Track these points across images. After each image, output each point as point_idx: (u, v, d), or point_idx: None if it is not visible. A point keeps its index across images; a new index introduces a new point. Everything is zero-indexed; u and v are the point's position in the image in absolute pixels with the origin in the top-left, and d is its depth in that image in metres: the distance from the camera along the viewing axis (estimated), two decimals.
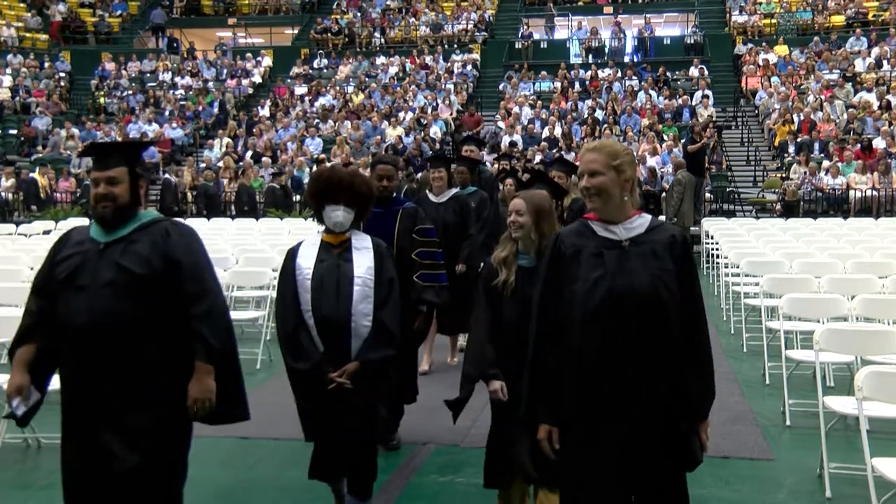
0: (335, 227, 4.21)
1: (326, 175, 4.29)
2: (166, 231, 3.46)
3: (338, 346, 4.07)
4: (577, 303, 3.01)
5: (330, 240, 4.22)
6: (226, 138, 22.87)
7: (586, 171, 3.14)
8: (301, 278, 4.12)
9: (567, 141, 20.98)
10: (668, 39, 27.95)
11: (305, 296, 4.09)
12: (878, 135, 19.76)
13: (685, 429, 3.04)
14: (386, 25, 28.85)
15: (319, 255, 4.16)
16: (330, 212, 4.18)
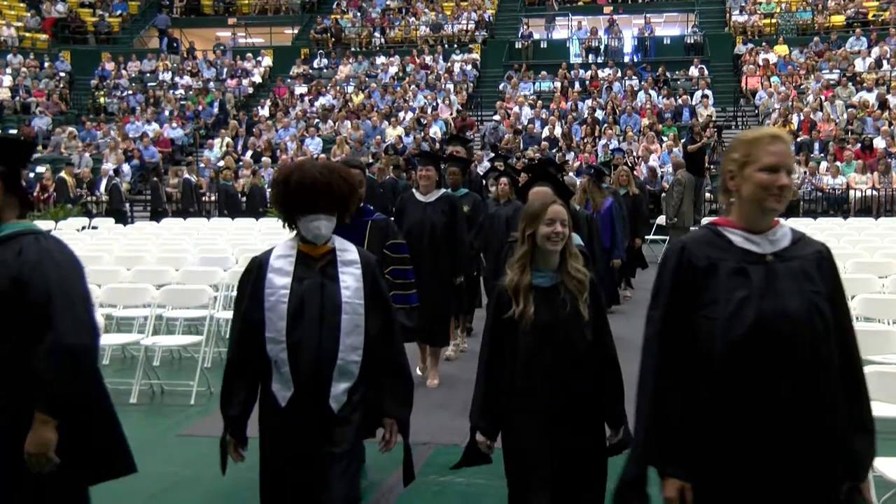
0: (316, 239, 3.37)
1: (296, 178, 3.32)
2: (21, 249, 2.89)
3: (313, 388, 3.22)
4: (717, 332, 2.44)
5: (309, 251, 3.35)
6: (226, 138, 22.87)
7: (783, 166, 2.51)
8: (274, 300, 3.24)
9: (567, 141, 20.97)
10: (668, 39, 27.93)
11: (279, 323, 3.21)
12: (878, 135, 19.75)
13: (847, 491, 2.54)
14: (386, 25, 28.85)
15: (298, 272, 3.29)
16: (308, 223, 3.32)
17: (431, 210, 7.10)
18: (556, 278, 3.38)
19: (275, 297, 3.26)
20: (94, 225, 16.11)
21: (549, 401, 3.31)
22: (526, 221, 3.42)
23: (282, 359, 3.22)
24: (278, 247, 3.41)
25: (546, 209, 3.39)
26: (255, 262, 3.37)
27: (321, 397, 3.23)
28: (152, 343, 7.31)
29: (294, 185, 3.32)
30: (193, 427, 6.34)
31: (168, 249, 11.00)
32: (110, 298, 7.90)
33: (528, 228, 3.40)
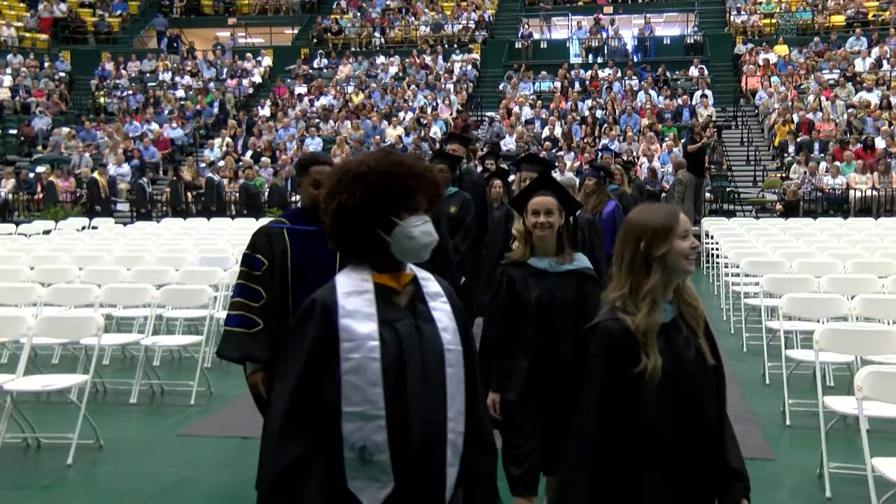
0: (420, 253, 2.34)
1: (397, 163, 2.31)
2: None
3: (424, 479, 2.23)
4: None
5: (389, 281, 2.33)
6: (226, 138, 22.87)
7: None
8: (360, 357, 2.19)
9: (567, 141, 20.97)
10: (668, 39, 27.93)
11: (371, 392, 2.17)
12: (878, 135, 19.75)
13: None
14: (386, 25, 28.85)
15: (382, 313, 2.26)
16: (411, 227, 2.30)
17: None
18: (674, 310, 2.55)
19: (360, 354, 2.19)
20: (94, 225, 16.12)
21: (680, 474, 2.47)
22: (651, 239, 2.48)
23: (377, 442, 2.17)
24: (340, 281, 2.31)
25: (677, 219, 2.53)
26: (317, 306, 2.25)
27: (434, 490, 2.24)
28: (152, 343, 7.31)
29: (400, 173, 2.28)
30: (193, 427, 6.34)
31: (168, 249, 11.00)
32: (110, 298, 7.89)
33: (656, 248, 2.47)
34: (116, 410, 6.82)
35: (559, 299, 3.78)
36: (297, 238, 3.99)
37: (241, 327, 3.98)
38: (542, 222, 3.75)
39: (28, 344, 6.03)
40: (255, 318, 3.95)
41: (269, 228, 4.10)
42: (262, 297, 3.97)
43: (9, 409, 5.63)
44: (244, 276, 4.04)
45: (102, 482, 5.31)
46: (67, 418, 5.79)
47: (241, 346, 3.99)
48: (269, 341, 3.89)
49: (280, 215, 4.30)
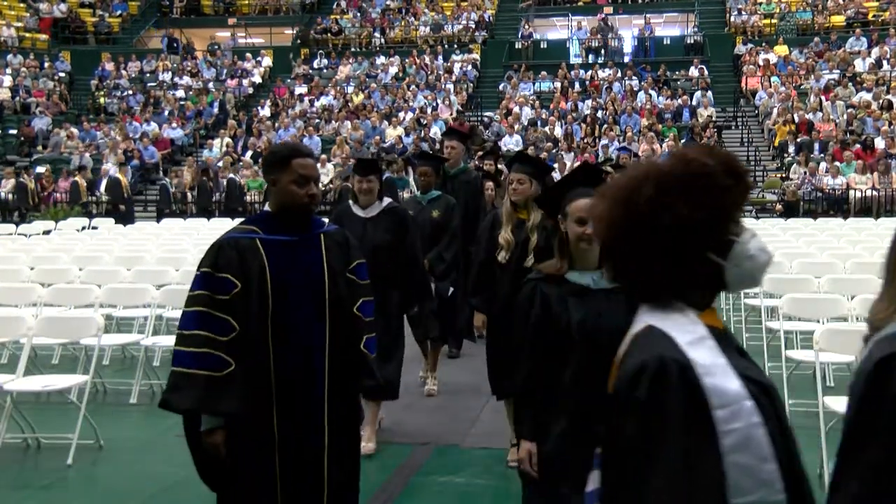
0: (758, 277, 1.80)
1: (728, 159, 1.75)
2: None
3: None
4: None
5: (717, 323, 1.79)
6: (226, 138, 22.88)
7: None
8: (744, 427, 1.62)
9: (567, 141, 20.98)
10: (668, 39, 27.94)
11: (766, 469, 1.62)
12: (878, 135, 19.76)
13: None
14: (386, 25, 28.86)
15: (735, 363, 1.70)
16: (749, 244, 1.74)
17: (372, 228, 5.65)
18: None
19: (741, 423, 1.62)
20: (94, 225, 16.12)
21: None
22: None
23: None
24: (667, 327, 1.70)
25: None
26: (671, 368, 1.62)
27: None
28: (152, 343, 7.30)
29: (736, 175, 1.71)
30: None
31: (168, 249, 10.99)
32: (110, 298, 7.89)
33: None
34: (116, 410, 6.82)
35: (608, 323, 2.91)
36: (275, 251, 3.22)
37: (207, 369, 3.07)
38: (591, 233, 2.90)
39: (28, 344, 6.02)
40: (224, 356, 3.08)
41: (236, 240, 3.22)
42: (232, 329, 3.11)
43: (9, 409, 5.63)
44: (203, 301, 3.14)
45: (102, 482, 5.31)
46: (67, 418, 5.79)
47: (204, 393, 3.05)
48: (243, 388, 3.09)
49: (244, 221, 3.44)
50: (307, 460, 3.19)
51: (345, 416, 3.31)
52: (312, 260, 3.28)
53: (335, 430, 3.24)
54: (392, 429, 5.98)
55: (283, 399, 3.16)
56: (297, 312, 3.18)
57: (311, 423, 3.19)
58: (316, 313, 3.23)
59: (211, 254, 3.27)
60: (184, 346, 3.14)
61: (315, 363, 3.21)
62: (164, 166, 22.49)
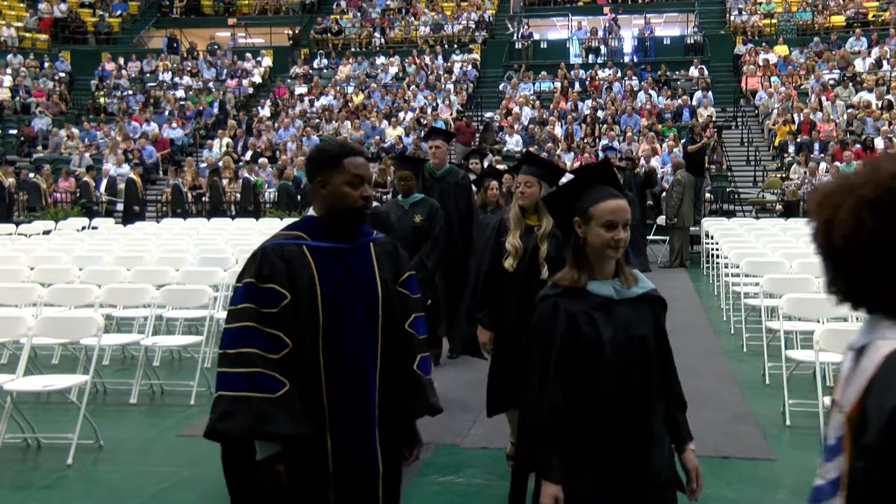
0: None
1: None
2: None
3: None
4: None
5: None
6: (226, 138, 22.88)
7: None
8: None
9: (568, 141, 20.98)
10: (668, 39, 27.95)
11: None
12: (878, 135, 19.76)
13: None
14: (386, 25, 28.86)
15: None
16: None
17: None
18: None
19: None
20: (94, 225, 16.12)
21: None
22: None
23: None
24: None
25: None
26: None
27: None
28: (152, 343, 7.30)
29: None
30: (193, 427, 6.33)
31: (168, 249, 10.99)
32: (110, 298, 7.89)
33: None
34: (116, 410, 6.82)
35: (638, 337, 2.74)
36: (324, 259, 2.91)
37: (260, 390, 2.74)
38: (621, 238, 2.72)
39: (28, 344, 6.02)
40: (277, 375, 2.75)
41: (281, 248, 2.89)
42: (283, 345, 2.80)
43: (9, 409, 5.63)
44: (250, 316, 2.79)
45: (102, 482, 5.30)
46: (67, 418, 5.79)
47: (259, 418, 2.72)
48: (299, 409, 2.77)
49: (289, 227, 3.07)
50: (361, 486, 2.94)
51: (395, 439, 3.05)
52: (363, 270, 2.97)
53: (386, 453, 2.99)
54: None
55: (336, 421, 2.87)
56: (349, 327, 2.90)
57: (363, 446, 2.92)
58: (368, 328, 2.92)
59: (254, 262, 2.88)
60: (230, 366, 2.80)
61: (368, 381, 2.91)
62: (164, 166, 22.49)
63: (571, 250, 2.81)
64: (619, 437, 2.68)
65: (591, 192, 2.79)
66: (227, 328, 2.85)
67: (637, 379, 2.70)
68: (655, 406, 2.76)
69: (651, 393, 2.75)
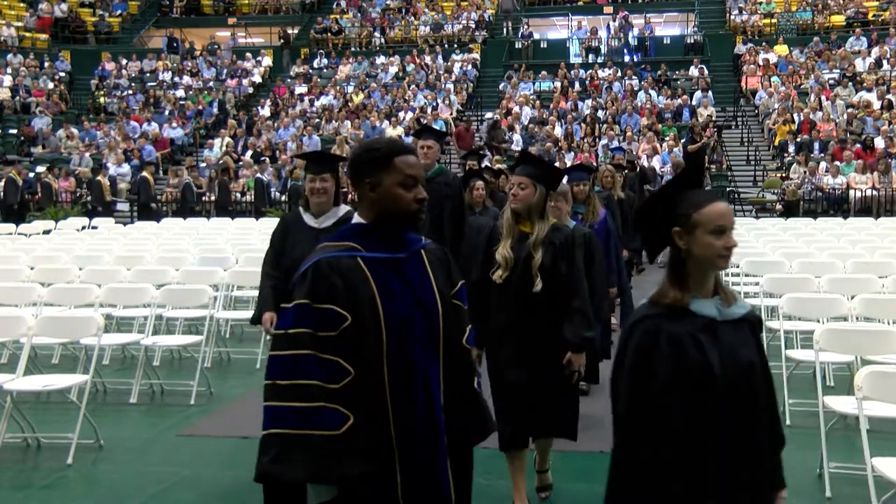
0: None
1: None
2: None
3: None
4: None
5: None
6: (226, 138, 22.88)
7: None
8: None
9: (568, 141, 20.98)
10: (668, 39, 27.94)
11: None
12: (878, 135, 19.76)
13: None
14: (386, 25, 28.87)
15: None
16: None
17: (324, 241, 5.19)
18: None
19: None
20: (94, 225, 16.12)
21: None
22: None
23: None
24: None
25: None
26: None
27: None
28: (152, 343, 7.30)
29: None
30: (193, 427, 6.33)
31: (168, 249, 11.00)
32: (110, 298, 7.89)
33: None
34: (116, 410, 6.82)
35: (745, 363, 2.44)
36: (381, 272, 2.57)
37: (321, 427, 2.42)
38: (733, 245, 2.44)
39: (28, 344, 6.02)
40: (340, 408, 2.44)
41: (337, 261, 2.55)
42: (345, 373, 2.47)
43: (9, 409, 5.63)
44: (307, 342, 2.46)
45: (102, 482, 5.30)
46: (67, 418, 5.79)
47: (322, 458, 2.41)
48: (365, 446, 2.47)
49: (337, 237, 2.70)
50: None
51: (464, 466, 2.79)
52: (421, 282, 2.64)
53: (457, 482, 2.72)
54: None
55: (406, 452, 2.55)
56: (414, 347, 2.57)
57: (435, 477, 2.63)
58: (432, 347, 2.62)
59: (306, 279, 2.53)
60: (283, 400, 2.45)
61: (436, 406, 2.60)
62: (164, 166, 22.49)
63: (671, 265, 2.50)
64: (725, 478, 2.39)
65: (688, 197, 2.48)
66: (275, 356, 2.51)
67: (745, 411, 2.41)
68: (762, 442, 2.53)
69: (759, 428, 2.49)
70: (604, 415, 3.58)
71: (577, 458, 5.25)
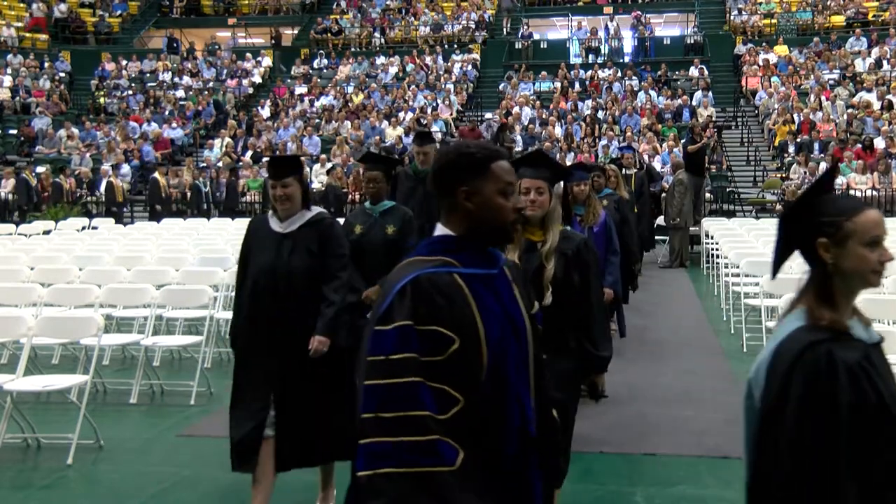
0: None
1: None
2: None
3: None
4: None
5: None
6: (226, 138, 22.88)
7: None
8: None
9: (568, 141, 20.98)
10: (668, 39, 27.96)
11: None
12: (878, 135, 19.77)
13: None
14: (386, 25, 28.87)
15: None
16: None
17: (289, 247, 4.53)
18: None
19: None
20: (94, 225, 16.12)
21: None
22: None
23: None
24: None
25: None
26: None
27: None
28: (152, 343, 7.30)
29: None
30: (193, 427, 6.34)
31: (168, 249, 11.00)
32: (110, 298, 7.90)
33: None
34: (116, 410, 6.82)
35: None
36: (479, 291, 2.32)
37: (435, 464, 2.13)
38: (889, 259, 2.17)
39: (28, 344, 6.03)
40: (451, 441, 2.17)
41: (437, 277, 2.27)
42: (454, 402, 2.23)
43: (9, 409, 5.63)
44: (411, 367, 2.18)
45: (102, 482, 5.31)
46: (67, 418, 5.79)
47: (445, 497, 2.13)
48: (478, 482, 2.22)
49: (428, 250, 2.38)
50: None
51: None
52: (510, 300, 2.40)
53: None
54: None
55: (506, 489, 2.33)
56: (511, 372, 2.36)
57: None
58: (525, 371, 2.41)
59: (406, 298, 2.23)
60: (390, 435, 2.15)
61: (531, 436, 2.38)
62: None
63: (817, 280, 2.18)
64: None
65: (833, 202, 2.19)
66: (375, 385, 2.18)
67: None
68: None
69: None
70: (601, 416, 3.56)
71: (577, 458, 5.25)
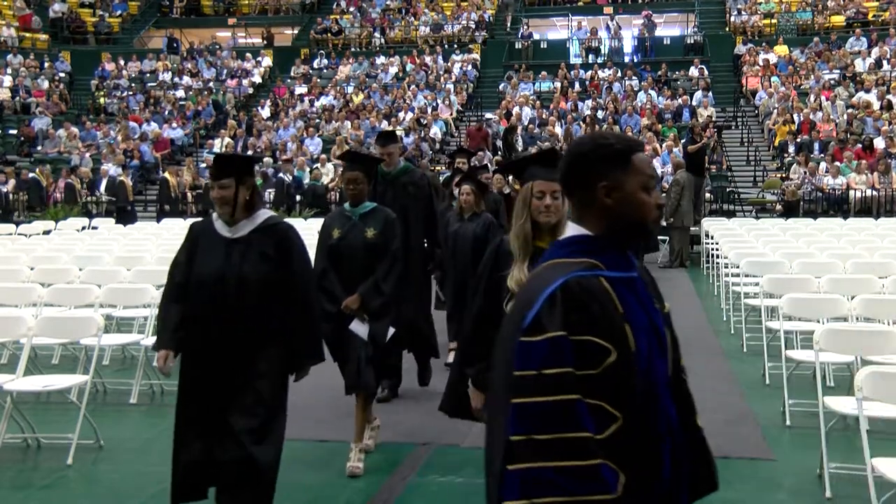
0: None
1: None
2: None
3: None
4: None
5: None
6: (226, 138, 22.87)
7: None
8: None
9: (568, 141, 20.97)
10: (668, 39, 27.96)
11: None
12: (878, 135, 19.77)
13: None
14: (386, 25, 28.87)
15: None
16: None
17: (240, 254, 4.12)
18: None
19: None
20: (94, 225, 16.12)
21: None
22: None
23: None
24: None
25: None
26: None
27: None
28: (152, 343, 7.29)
29: None
30: None
31: (168, 249, 10.97)
32: (110, 298, 7.89)
33: None
34: (116, 410, 6.82)
35: None
36: (625, 296, 2.08)
37: (603, 490, 1.90)
38: None
39: (28, 344, 6.03)
40: (611, 464, 1.93)
41: (587, 281, 2.03)
42: (612, 420, 1.99)
43: (9, 409, 5.63)
44: (568, 383, 1.94)
45: (102, 482, 5.30)
46: (67, 418, 5.79)
47: None
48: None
49: (567, 251, 2.14)
50: None
51: None
52: (649, 305, 2.17)
53: None
54: (392, 429, 5.98)
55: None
56: (660, 385, 2.14)
57: None
58: (672, 384, 2.20)
59: (556, 305, 1.99)
60: (546, 459, 1.89)
61: (681, 454, 2.18)
62: (164, 166, 22.47)
63: None
64: None
65: None
66: (526, 404, 1.94)
67: None
68: None
69: None
70: None
71: None
